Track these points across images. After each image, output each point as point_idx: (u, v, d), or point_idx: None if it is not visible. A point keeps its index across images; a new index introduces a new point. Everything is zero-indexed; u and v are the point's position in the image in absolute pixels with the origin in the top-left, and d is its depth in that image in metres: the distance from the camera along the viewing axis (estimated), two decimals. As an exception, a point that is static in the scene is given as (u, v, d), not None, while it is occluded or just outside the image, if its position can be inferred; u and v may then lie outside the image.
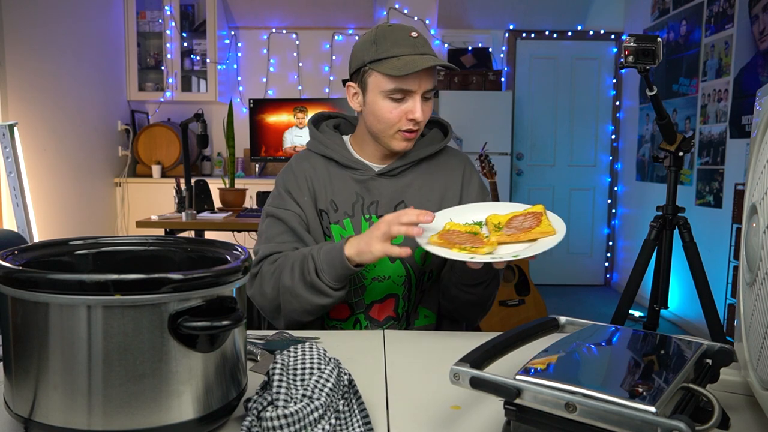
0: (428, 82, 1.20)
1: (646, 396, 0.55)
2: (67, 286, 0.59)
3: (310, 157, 1.34)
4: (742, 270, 0.76)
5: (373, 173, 1.29)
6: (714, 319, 1.95)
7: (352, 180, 1.29)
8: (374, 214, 1.27)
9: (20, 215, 2.58)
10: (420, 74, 1.18)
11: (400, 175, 1.30)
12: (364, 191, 1.28)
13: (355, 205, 1.28)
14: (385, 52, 1.18)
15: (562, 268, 5.11)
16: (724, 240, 3.31)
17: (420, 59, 1.17)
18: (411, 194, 1.29)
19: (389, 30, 1.21)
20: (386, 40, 1.20)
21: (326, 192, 1.29)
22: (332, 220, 1.28)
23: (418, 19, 4.92)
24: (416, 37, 1.20)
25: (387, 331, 1.14)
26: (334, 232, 1.27)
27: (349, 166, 1.29)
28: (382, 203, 1.28)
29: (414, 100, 1.20)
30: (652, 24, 4.48)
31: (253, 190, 3.78)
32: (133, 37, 4.57)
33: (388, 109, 1.21)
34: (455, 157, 1.38)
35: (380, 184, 1.29)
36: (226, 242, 0.81)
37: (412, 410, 0.76)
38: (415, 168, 1.32)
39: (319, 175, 1.30)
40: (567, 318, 0.81)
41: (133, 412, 0.61)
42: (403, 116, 1.21)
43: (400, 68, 1.16)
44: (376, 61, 1.19)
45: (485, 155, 3.62)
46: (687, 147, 1.99)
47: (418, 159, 1.31)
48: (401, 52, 1.18)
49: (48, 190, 3.63)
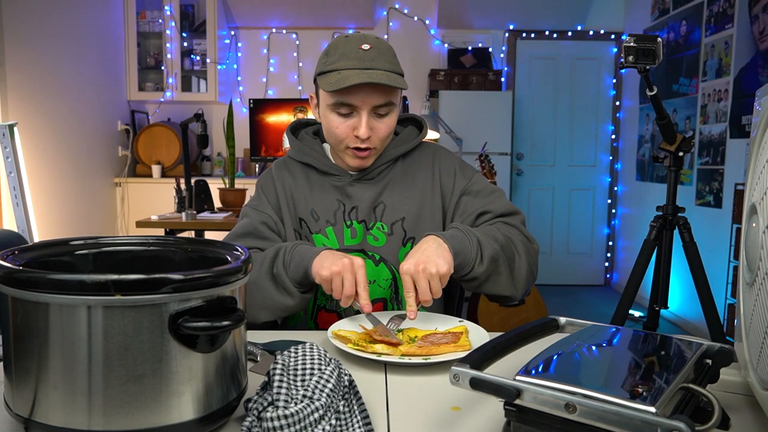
0: (376, 97, 1.15)
1: (646, 396, 0.55)
2: (67, 286, 0.59)
3: (289, 165, 1.32)
4: (742, 270, 0.76)
5: (350, 178, 1.27)
6: (714, 319, 1.95)
7: (332, 186, 1.27)
8: (355, 219, 1.26)
9: (20, 215, 2.58)
10: (365, 89, 1.14)
11: (378, 177, 1.28)
12: (344, 197, 1.27)
13: (336, 212, 1.26)
14: (331, 64, 1.16)
15: (562, 268, 5.11)
16: (724, 240, 3.31)
17: (357, 74, 1.12)
18: (388, 195, 1.27)
19: (342, 41, 1.18)
20: (336, 51, 1.17)
21: (306, 201, 1.27)
22: (313, 229, 1.26)
23: (418, 19, 4.92)
24: (367, 49, 1.15)
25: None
26: (317, 241, 1.26)
27: (328, 173, 1.28)
28: (362, 207, 1.26)
29: (360, 115, 1.17)
30: (652, 24, 4.48)
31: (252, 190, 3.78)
32: (133, 37, 4.57)
33: (335, 123, 1.19)
34: (425, 150, 1.33)
35: (358, 189, 1.27)
36: (226, 242, 0.81)
37: (412, 411, 0.76)
38: (392, 167, 1.29)
39: (298, 184, 1.29)
40: (567, 318, 0.81)
41: (133, 412, 0.61)
42: (350, 132, 1.18)
43: (333, 84, 1.13)
44: (322, 74, 1.18)
45: (485, 155, 3.62)
46: (687, 147, 1.99)
47: (393, 158, 1.29)
48: (344, 66, 1.14)
49: (48, 190, 3.63)
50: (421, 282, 1.00)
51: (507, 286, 1.15)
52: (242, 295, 0.71)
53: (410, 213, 1.26)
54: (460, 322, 1.08)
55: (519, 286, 1.17)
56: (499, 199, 1.27)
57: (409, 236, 1.26)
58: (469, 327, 1.05)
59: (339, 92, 1.14)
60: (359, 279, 1.02)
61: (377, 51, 1.16)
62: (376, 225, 1.26)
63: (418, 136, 1.32)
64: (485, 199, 1.27)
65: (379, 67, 1.15)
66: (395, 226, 1.25)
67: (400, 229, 1.25)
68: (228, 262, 0.72)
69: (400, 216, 1.26)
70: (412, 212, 1.26)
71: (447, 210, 1.29)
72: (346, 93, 1.14)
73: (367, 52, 1.15)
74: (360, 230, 1.26)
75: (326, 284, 1.04)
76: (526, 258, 1.18)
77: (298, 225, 1.27)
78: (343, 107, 1.16)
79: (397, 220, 1.26)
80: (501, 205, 1.25)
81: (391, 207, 1.26)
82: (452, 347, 0.95)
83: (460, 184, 1.29)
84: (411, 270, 1.01)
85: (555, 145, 5.11)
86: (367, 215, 1.26)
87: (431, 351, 0.94)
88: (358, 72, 1.13)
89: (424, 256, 1.03)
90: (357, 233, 1.26)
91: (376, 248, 1.25)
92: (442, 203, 1.29)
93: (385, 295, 1.25)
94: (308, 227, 1.26)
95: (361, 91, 1.14)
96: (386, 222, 1.26)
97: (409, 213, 1.26)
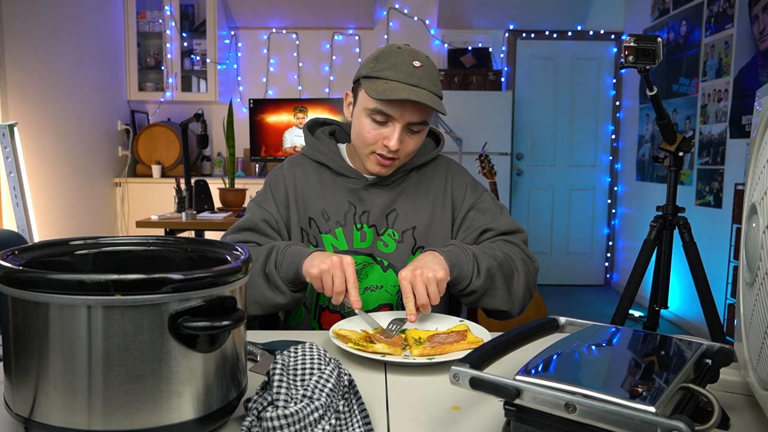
0: (414, 114, 1.17)
1: (646, 396, 0.55)
2: (67, 286, 0.59)
3: (302, 163, 1.33)
4: (742, 270, 0.76)
5: (365, 182, 1.28)
6: (714, 319, 1.95)
7: (345, 188, 1.28)
8: (365, 223, 1.27)
9: (20, 215, 2.58)
10: (404, 104, 1.15)
11: (393, 184, 1.29)
12: (356, 200, 1.28)
13: (347, 214, 1.27)
14: (379, 71, 1.17)
15: (562, 268, 5.11)
16: (724, 240, 3.31)
17: (405, 89, 1.13)
18: (402, 203, 1.29)
19: (395, 51, 1.19)
20: (386, 60, 1.18)
21: (317, 200, 1.28)
22: (323, 229, 1.27)
23: (418, 19, 4.92)
24: (418, 66, 1.16)
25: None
26: (326, 241, 1.26)
27: (342, 174, 1.29)
28: (374, 212, 1.27)
29: (394, 127, 1.18)
30: (652, 24, 4.48)
31: (253, 190, 3.75)
32: (133, 37, 4.57)
33: (367, 128, 1.20)
34: (440, 163, 1.36)
35: (372, 194, 1.28)
36: (226, 242, 0.81)
37: (412, 410, 0.76)
38: (407, 177, 1.31)
39: (310, 182, 1.29)
40: (567, 318, 0.81)
41: (133, 412, 0.61)
42: (380, 140, 1.19)
43: (380, 92, 1.14)
44: (368, 78, 1.18)
45: (485, 155, 3.62)
46: (687, 147, 1.99)
47: (410, 168, 1.31)
48: (392, 77, 1.15)
49: (48, 190, 3.63)
50: (418, 286, 1.03)
51: (504, 301, 1.18)
52: (242, 295, 0.71)
53: (421, 222, 1.28)
54: (461, 321, 1.09)
55: (516, 302, 1.21)
56: (503, 218, 1.30)
57: (419, 245, 1.28)
58: (470, 326, 1.06)
59: (381, 101, 1.15)
60: (348, 276, 1.04)
61: (426, 71, 1.17)
62: (387, 232, 1.27)
63: (435, 149, 1.35)
64: (490, 217, 1.30)
65: (426, 87, 1.16)
66: (406, 234, 1.27)
67: (410, 237, 1.27)
68: (228, 262, 0.72)
69: (411, 225, 1.28)
70: (424, 222, 1.28)
71: (455, 222, 1.32)
72: (388, 104, 1.16)
73: (417, 69, 1.16)
74: (370, 235, 1.27)
75: (316, 282, 1.05)
76: (524, 275, 1.21)
77: (306, 224, 1.28)
78: (380, 115, 1.17)
79: (408, 229, 1.28)
80: (504, 223, 1.29)
81: (404, 215, 1.28)
82: (465, 344, 0.96)
83: (469, 199, 1.32)
84: (408, 276, 1.05)
85: (555, 145, 5.11)
86: (379, 221, 1.27)
87: (445, 350, 0.95)
88: (405, 87, 1.14)
89: (421, 263, 1.07)
90: (367, 237, 1.27)
91: (385, 254, 1.27)
92: (452, 215, 1.31)
93: (392, 300, 1.26)
94: (318, 227, 1.27)
95: (402, 106, 1.16)
96: (397, 229, 1.27)
97: (420, 222, 1.28)
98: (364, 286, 1.26)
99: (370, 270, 1.26)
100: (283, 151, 3.81)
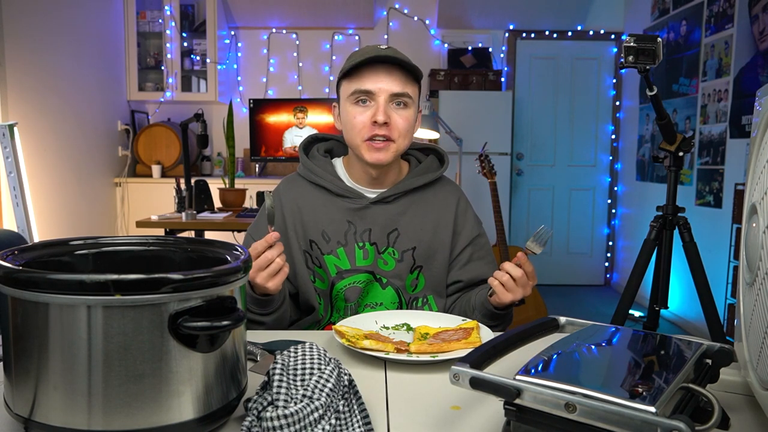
0: (392, 83, 1.19)
1: (646, 396, 0.55)
2: (67, 286, 0.59)
3: (299, 184, 1.32)
4: (742, 270, 0.76)
5: (366, 201, 1.27)
6: (714, 319, 1.95)
7: (344, 208, 1.27)
8: (367, 241, 1.26)
9: (20, 215, 2.58)
10: (379, 74, 1.18)
11: (394, 202, 1.29)
12: (357, 218, 1.27)
13: (347, 233, 1.26)
14: (350, 62, 1.21)
15: (562, 268, 5.11)
16: (724, 240, 3.31)
17: (372, 53, 1.18)
18: (404, 222, 1.28)
19: (363, 47, 1.25)
20: (355, 53, 1.23)
21: (316, 223, 1.27)
22: (324, 250, 1.26)
23: (418, 19, 4.92)
24: (384, 48, 1.21)
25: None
26: (328, 262, 1.26)
27: (342, 195, 1.28)
28: (375, 230, 1.27)
29: (377, 102, 1.19)
30: (652, 24, 4.48)
31: (253, 190, 3.78)
32: (133, 37, 4.57)
33: (353, 114, 1.21)
34: (449, 186, 1.36)
35: (373, 212, 1.27)
36: (226, 242, 0.81)
37: (412, 410, 0.76)
38: (410, 195, 1.30)
39: (308, 205, 1.29)
40: (567, 318, 0.81)
41: (133, 412, 0.61)
42: (368, 122, 1.20)
43: (350, 65, 1.19)
44: (342, 74, 1.23)
45: (485, 155, 3.62)
46: (687, 147, 1.99)
47: (413, 187, 1.30)
48: (359, 56, 1.20)
49: (48, 190, 3.63)
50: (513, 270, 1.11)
51: None
52: (242, 295, 0.71)
53: (422, 243, 1.28)
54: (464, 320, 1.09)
55: None
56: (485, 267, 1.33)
57: (418, 264, 1.28)
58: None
59: (355, 78, 1.18)
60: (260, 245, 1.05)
61: (393, 50, 1.22)
62: (388, 250, 1.27)
63: (439, 169, 1.35)
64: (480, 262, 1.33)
65: (393, 54, 1.20)
66: (406, 254, 1.28)
67: (410, 257, 1.28)
68: (227, 262, 0.72)
69: (411, 245, 1.28)
70: (425, 243, 1.28)
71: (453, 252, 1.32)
72: (363, 79, 1.18)
73: (384, 48, 1.21)
74: (372, 252, 1.27)
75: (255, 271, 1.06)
76: None
77: (308, 246, 1.28)
78: (361, 94, 1.19)
79: (408, 249, 1.28)
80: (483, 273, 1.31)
81: (405, 235, 1.28)
82: (462, 344, 0.96)
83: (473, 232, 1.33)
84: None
85: (555, 145, 5.11)
86: (380, 239, 1.27)
87: (441, 348, 0.95)
88: (372, 55, 1.19)
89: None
90: (369, 254, 1.26)
91: (384, 272, 1.27)
92: (451, 241, 1.31)
93: None
94: (319, 248, 1.27)
95: (377, 77, 1.18)
96: (398, 249, 1.27)
97: (421, 243, 1.28)
98: (365, 303, 1.27)
99: (371, 287, 1.27)
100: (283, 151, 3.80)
